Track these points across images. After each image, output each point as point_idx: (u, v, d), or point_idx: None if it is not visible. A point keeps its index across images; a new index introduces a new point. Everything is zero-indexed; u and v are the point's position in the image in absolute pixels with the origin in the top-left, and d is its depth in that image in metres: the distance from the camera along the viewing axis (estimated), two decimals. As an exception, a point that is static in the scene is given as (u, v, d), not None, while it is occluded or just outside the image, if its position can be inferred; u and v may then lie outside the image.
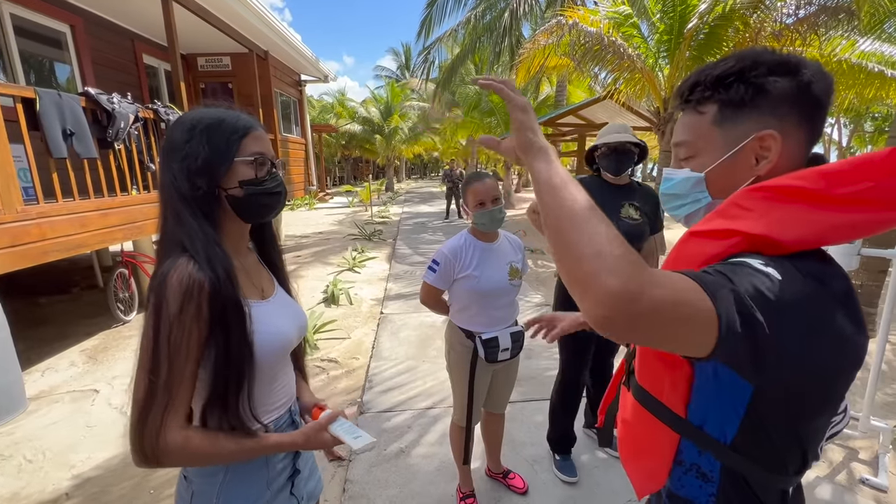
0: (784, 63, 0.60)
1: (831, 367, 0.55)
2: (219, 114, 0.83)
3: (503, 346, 1.73)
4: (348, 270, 6.38)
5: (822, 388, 0.58)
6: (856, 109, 10.48)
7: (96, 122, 3.59)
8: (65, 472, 2.29)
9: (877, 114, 13.93)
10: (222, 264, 0.78)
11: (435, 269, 1.72)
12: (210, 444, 0.78)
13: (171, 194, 0.79)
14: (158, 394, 0.72)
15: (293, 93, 10.22)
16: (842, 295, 0.54)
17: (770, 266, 0.51)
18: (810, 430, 0.61)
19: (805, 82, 0.59)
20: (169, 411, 0.73)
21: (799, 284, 0.51)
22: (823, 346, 0.53)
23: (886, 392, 2.94)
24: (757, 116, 0.62)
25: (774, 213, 0.54)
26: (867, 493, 2.06)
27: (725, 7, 5.73)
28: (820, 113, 0.61)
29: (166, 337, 0.72)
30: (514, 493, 2.08)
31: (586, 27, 5.99)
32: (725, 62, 0.64)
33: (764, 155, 0.62)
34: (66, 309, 4.78)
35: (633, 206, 1.97)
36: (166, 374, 0.72)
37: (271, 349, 0.87)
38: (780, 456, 0.62)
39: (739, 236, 0.55)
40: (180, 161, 0.79)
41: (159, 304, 0.73)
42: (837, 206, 0.52)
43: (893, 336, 3.79)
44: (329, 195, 18.20)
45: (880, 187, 0.50)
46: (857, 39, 6.41)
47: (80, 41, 5.39)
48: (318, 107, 28.46)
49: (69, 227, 3.26)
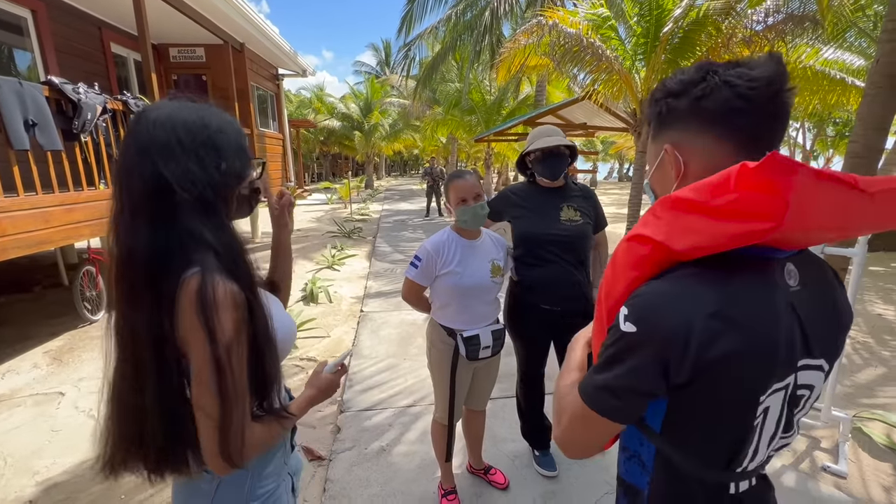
0: (681, 83, 0.67)
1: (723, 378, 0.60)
2: (222, 114, 0.84)
3: (484, 344, 1.74)
4: (327, 268, 6.30)
5: (722, 397, 0.62)
6: (819, 115, 10.96)
7: (61, 112, 3.43)
8: (28, 479, 2.19)
9: (838, 119, 14.60)
10: (250, 274, 0.80)
11: (417, 264, 1.72)
12: (269, 431, 0.83)
13: (207, 192, 0.76)
14: (236, 415, 0.75)
15: (270, 87, 10.00)
16: (722, 308, 0.59)
17: (628, 321, 0.61)
18: (721, 425, 0.64)
19: (696, 98, 0.65)
20: (245, 422, 0.77)
21: (660, 319, 0.59)
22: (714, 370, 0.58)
23: (846, 384, 3.09)
24: (667, 132, 0.71)
25: (677, 223, 0.60)
26: (828, 480, 2.17)
27: (699, 13, 5.90)
28: (727, 121, 0.64)
29: (227, 358, 0.73)
30: (496, 488, 2.10)
31: (566, 28, 6.06)
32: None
33: (673, 165, 0.70)
34: (28, 308, 4.56)
35: (572, 207, 1.94)
36: (236, 395, 0.74)
37: (286, 341, 0.92)
38: (705, 448, 0.65)
39: (650, 242, 0.62)
40: (227, 160, 0.79)
41: (213, 325, 0.71)
42: (717, 217, 0.56)
43: (853, 331, 3.99)
44: (307, 192, 17.90)
45: (741, 199, 0.53)
46: (821, 47, 6.72)
47: (42, 27, 5.13)
48: (296, 102, 27.93)
49: (31, 222, 3.11)
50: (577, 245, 1.93)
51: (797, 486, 2.12)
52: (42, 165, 3.20)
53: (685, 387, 0.60)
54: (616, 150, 29.25)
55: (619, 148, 26.63)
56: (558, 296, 1.93)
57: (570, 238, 1.90)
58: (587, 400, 0.65)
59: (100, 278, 4.29)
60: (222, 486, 0.87)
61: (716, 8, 5.72)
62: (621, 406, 0.64)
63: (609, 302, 0.68)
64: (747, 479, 0.69)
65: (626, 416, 0.65)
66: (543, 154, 1.91)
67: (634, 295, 0.63)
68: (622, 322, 0.62)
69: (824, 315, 0.69)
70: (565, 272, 1.91)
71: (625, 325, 0.61)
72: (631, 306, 0.62)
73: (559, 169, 1.92)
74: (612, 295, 0.68)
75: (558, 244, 1.90)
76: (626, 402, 0.63)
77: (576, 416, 0.68)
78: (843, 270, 3.87)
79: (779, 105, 0.62)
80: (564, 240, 1.90)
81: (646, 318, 0.60)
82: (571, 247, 1.91)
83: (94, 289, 4.26)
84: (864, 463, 2.30)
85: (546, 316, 1.96)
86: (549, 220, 1.92)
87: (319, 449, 2.39)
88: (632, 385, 0.62)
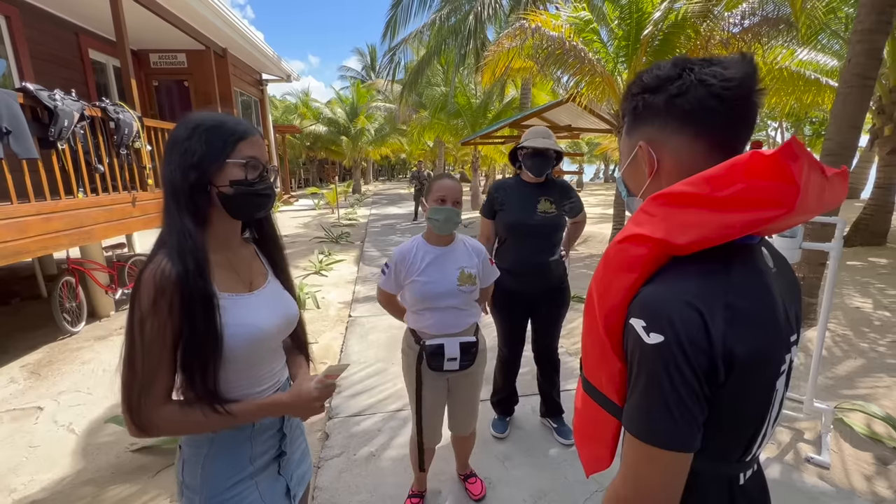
0: (657, 78, 0.67)
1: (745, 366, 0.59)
2: (221, 117, 0.90)
3: (449, 356, 1.65)
4: (315, 274, 6.25)
5: (744, 384, 0.60)
6: (796, 114, 11.25)
7: (36, 120, 3.35)
8: (4, 498, 2.12)
9: (815, 118, 15.00)
10: (194, 256, 0.83)
11: (386, 272, 1.71)
12: (187, 415, 0.85)
13: (166, 188, 0.87)
14: (137, 381, 0.81)
15: (254, 92, 9.92)
16: (735, 299, 0.59)
17: (652, 332, 0.58)
18: (746, 418, 0.64)
19: (672, 95, 0.65)
20: (148, 394, 0.82)
21: (680, 339, 0.56)
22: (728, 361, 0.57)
23: (827, 376, 3.16)
24: (642, 128, 0.70)
25: (673, 218, 0.60)
26: (812, 471, 2.20)
27: (678, 16, 6.02)
28: (701, 120, 0.64)
29: (139, 330, 0.80)
30: (470, 498, 2.06)
31: (549, 31, 6.14)
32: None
33: (646, 161, 0.70)
34: (5, 321, 4.43)
35: (549, 200, 2.19)
36: (141, 364, 0.81)
37: (244, 341, 0.91)
38: (726, 444, 0.65)
39: (649, 241, 0.61)
40: (179, 155, 0.85)
41: (135, 300, 0.81)
42: (722, 208, 0.56)
43: (832, 324, 4.08)
44: (294, 198, 17.76)
45: (751, 188, 0.55)
46: (795, 49, 6.90)
47: (16, 33, 5.02)
48: (282, 107, 27.74)
49: (6, 232, 3.02)
50: (551, 233, 2.22)
51: (781, 478, 2.15)
52: (17, 174, 3.12)
53: (721, 387, 0.58)
54: (601, 152, 29.59)
55: (603, 149, 26.94)
56: (533, 277, 2.23)
57: (544, 227, 2.19)
58: (653, 440, 0.58)
59: (80, 289, 4.19)
60: (185, 465, 0.95)
61: (694, 11, 5.84)
62: (690, 429, 0.57)
63: (604, 307, 0.66)
64: (752, 466, 0.70)
65: (694, 438, 0.58)
66: (534, 152, 2.14)
67: (644, 303, 0.60)
68: (644, 335, 0.58)
69: (792, 292, 0.72)
70: (537, 257, 2.21)
71: (649, 338, 0.57)
72: (648, 316, 0.59)
73: (544, 168, 2.18)
74: (606, 300, 0.65)
75: (531, 232, 2.19)
76: (689, 422, 0.57)
77: (652, 469, 0.59)
78: (822, 265, 3.97)
79: (749, 106, 0.63)
80: (540, 229, 2.18)
81: (668, 321, 0.57)
82: (546, 235, 2.21)
83: (73, 300, 4.15)
84: (846, 453, 2.35)
85: (522, 297, 2.27)
86: (528, 212, 2.18)
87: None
88: (685, 400, 0.56)
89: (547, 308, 2.33)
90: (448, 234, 1.70)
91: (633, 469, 0.61)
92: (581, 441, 0.82)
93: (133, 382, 0.81)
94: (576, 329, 4.14)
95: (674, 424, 0.56)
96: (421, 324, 1.71)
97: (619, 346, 0.65)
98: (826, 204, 0.62)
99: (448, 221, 1.63)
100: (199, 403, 0.86)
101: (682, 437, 0.57)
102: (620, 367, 0.66)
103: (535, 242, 2.20)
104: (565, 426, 2.47)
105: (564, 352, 3.63)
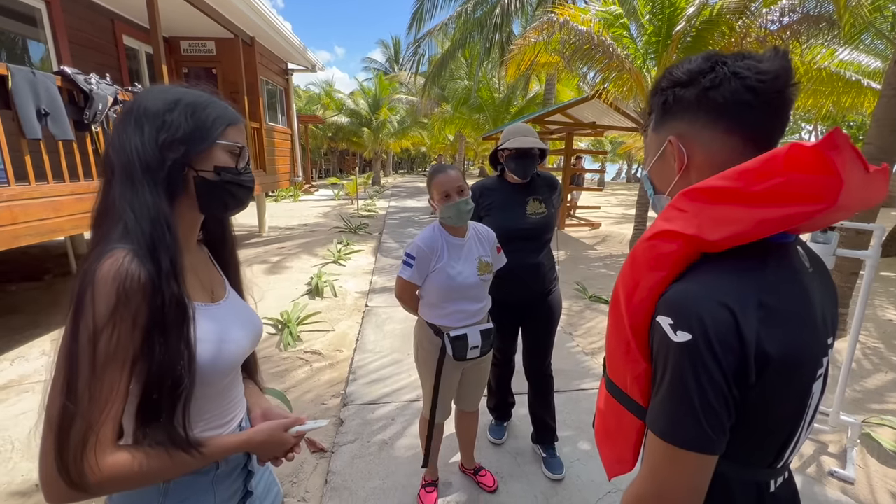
0: (689, 72, 0.66)
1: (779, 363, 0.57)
2: (206, 96, 0.77)
3: (472, 344, 1.69)
4: (333, 263, 6.32)
5: (778, 385, 0.59)
6: (833, 117, 10.80)
7: (73, 102, 3.46)
8: (35, 463, 2.21)
9: (852, 122, 14.38)
10: (168, 253, 0.67)
11: (411, 263, 1.65)
12: (147, 463, 0.65)
13: (132, 160, 0.68)
14: (79, 414, 0.59)
15: (280, 81, 10.02)
16: (768, 297, 0.57)
17: (679, 330, 0.56)
18: (778, 422, 0.62)
19: (705, 88, 0.63)
20: (92, 433, 0.60)
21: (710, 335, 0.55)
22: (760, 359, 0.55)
23: (855, 389, 3.05)
24: (672, 122, 0.69)
25: (705, 214, 0.58)
26: (835, 485, 2.14)
27: (713, 11, 5.83)
28: (734, 114, 0.63)
29: (90, 348, 0.59)
30: (484, 490, 2.07)
31: (577, 26, 6.02)
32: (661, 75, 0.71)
33: (676, 157, 0.69)
34: (38, 297, 4.61)
35: (537, 199, 2.06)
36: (89, 394, 0.59)
37: (221, 360, 0.76)
38: (757, 449, 0.63)
39: (680, 237, 0.60)
40: (155, 129, 0.70)
41: (83, 305, 0.60)
42: (758, 203, 0.55)
43: (863, 336, 3.93)
44: (314, 187, 17.98)
45: (790, 181, 0.53)
46: (836, 49, 6.61)
47: (56, 19, 5.18)
48: (305, 97, 28.04)
49: (42, 211, 3.14)
50: (542, 234, 2.08)
51: (804, 491, 2.09)
52: (53, 155, 3.23)
53: (751, 388, 0.56)
54: (624, 151, 29.06)
55: (627, 148, 26.45)
56: (523, 281, 2.07)
57: (536, 230, 2.06)
58: (678, 441, 0.56)
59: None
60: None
61: (730, 7, 5.65)
62: (716, 430, 0.56)
63: (631, 306, 0.64)
64: (783, 473, 0.68)
65: (720, 439, 0.56)
66: (517, 153, 1.97)
67: (672, 301, 0.59)
68: (671, 333, 0.57)
69: (828, 293, 0.70)
70: (529, 260, 2.05)
71: (676, 336, 0.56)
72: (676, 313, 0.57)
73: (529, 169, 2.01)
74: (633, 299, 0.64)
75: (525, 236, 2.04)
76: (715, 423, 0.55)
77: (674, 470, 0.58)
78: (854, 275, 3.82)
79: (784, 100, 0.62)
80: (530, 232, 2.04)
81: (698, 320, 0.55)
82: (536, 236, 2.07)
83: (102, 278, 4.30)
84: (871, 469, 2.26)
85: (512, 302, 2.09)
86: (517, 215, 2.04)
87: (322, 441, 2.40)
88: (711, 400, 0.55)
89: (538, 318, 2.15)
90: (465, 225, 1.71)
91: (656, 470, 0.60)
92: (603, 443, 0.81)
93: (73, 420, 0.59)
94: (593, 329, 4.10)
95: (699, 426, 0.55)
96: (445, 318, 1.70)
97: (645, 347, 0.64)
98: (866, 201, 0.60)
99: (461, 214, 1.62)
100: (159, 446, 0.67)
101: (707, 439, 0.55)
102: (646, 368, 0.65)
103: (528, 245, 2.05)
104: (556, 458, 2.20)
105: (580, 351, 3.60)
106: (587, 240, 8.63)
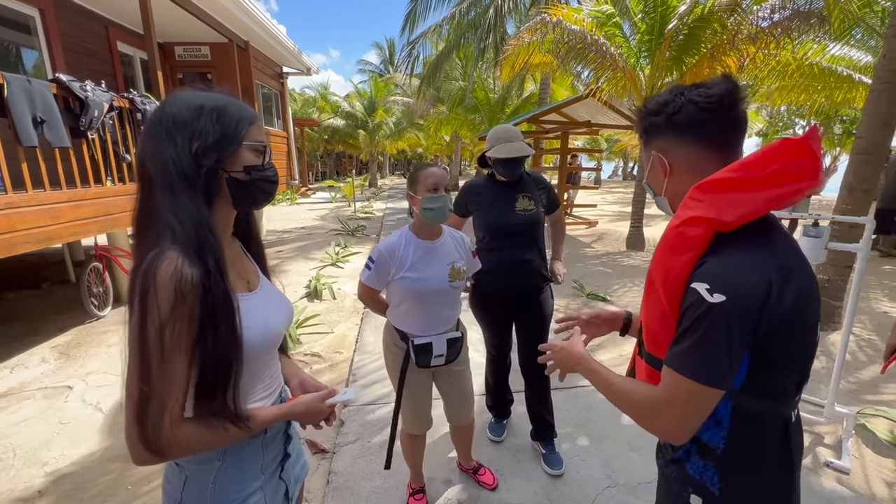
0: (657, 104, 0.85)
1: (795, 313, 0.71)
2: (224, 97, 0.82)
3: (437, 353, 1.66)
4: (331, 265, 6.33)
5: (803, 322, 0.73)
6: (826, 112, 10.87)
7: (68, 110, 3.47)
8: (37, 470, 2.23)
9: (845, 117, 14.46)
10: (214, 254, 0.74)
11: (370, 266, 1.61)
12: (209, 433, 0.77)
13: (169, 170, 0.74)
14: (153, 396, 0.70)
15: (275, 85, 10.03)
16: (781, 259, 0.72)
17: (715, 293, 0.69)
18: (805, 353, 0.77)
19: (669, 114, 0.83)
20: (166, 410, 0.72)
21: (740, 291, 0.69)
22: (787, 309, 0.70)
23: (850, 380, 3.08)
24: (653, 142, 0.89)
25: (720, 200, 0.73)
26: (831, 475, 2.16)
27: (704, 9, 5.87)
28: (696, 130, 0.81)
29: (157, 340, 0.69)
30: (484, 489, 2.09)
31: (570, 25, 6.06)
32: None
33: (660, 167, 0.87)
34: (36, 304, 4.61)
35: (526, 197, 2.10)
36: (159, 378, 0.70)
37: (262, 342, 0.86)
38: (783, 385, 0.77)
39: (704, 221, 0.73)
40: (187, 139, 0.75)
41: (149, 303, 0.68)
42: (759, 186, 0.71)
43: (857, 328, 3.97)
44: (311, 190, 17.97)
45: (784, 166, 0.70)
46: (827, 44, 6.66)
47: (49, 26, 5.17)
48: (301, 100, 28.02)
49: (39, 218, 3.15)
50: (532, 231, 2.11)
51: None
52: (50, 162, 3.24)
53: (770, 336, 0.69)
54: (620, 149, 29.09)
55: (623, 146, 26.47)
56: (515, 277, 2.10)
57: (525, 226, 2.09)
58: (702, 379, 0.70)
59: (106, 275, 4.34)
60: (189, 483, 0.86)
61: (721, 4, 5.69)
62: (732, 372, 0.70)
63: (667, 285, 0.76)
64: (797, 407, 0.82)
65: (732, 380, 0.72)
66: (507, 158, 2.00)
67: (705, 272, 0.71)
68: (707, 295, 0.69)
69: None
70: (520, 255, 2.09)
71: (712, 297, 0.68)
72: (711, 279, 0.70)
73: (517, 170, 2.06)
74: (669, 278, 0.76)
75: (515, 232, 2.08)
76: (734, 366, 0.70)
77: (688, 402, 0.72)
78: (848, 268, 3.86)
79: (736, 114, 0.80)
80: (520, 228, 2.08)
81: (732, 285, 0.68)
82: (526, 233, 2.10)
83: (101, 285, 4.30)
84: (867, 459, 2.29)
85: (505, 298, 2.13)
86: (507, 211, 2.08)
87: (323, 442, 2.41)
88: (734, 349, 0.68)
89: (531, 314, 2.16)
90: (438, 226, 1.66)
91: (674, 398, 0.73)
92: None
93: (149, 400, 0.70)
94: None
95: (722, 369, 0.69)
96: (408, 325, 1.68)
97: (679, 317, 0.76)
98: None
99: (443, 210, 1.56)
100: (216, 418, 0.78)
101: (727, 379, 0.70)
102: None
103: (518, 241, 2.08)
104: (555, 454, 2.22)
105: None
106: (584, 238, 8.66)
